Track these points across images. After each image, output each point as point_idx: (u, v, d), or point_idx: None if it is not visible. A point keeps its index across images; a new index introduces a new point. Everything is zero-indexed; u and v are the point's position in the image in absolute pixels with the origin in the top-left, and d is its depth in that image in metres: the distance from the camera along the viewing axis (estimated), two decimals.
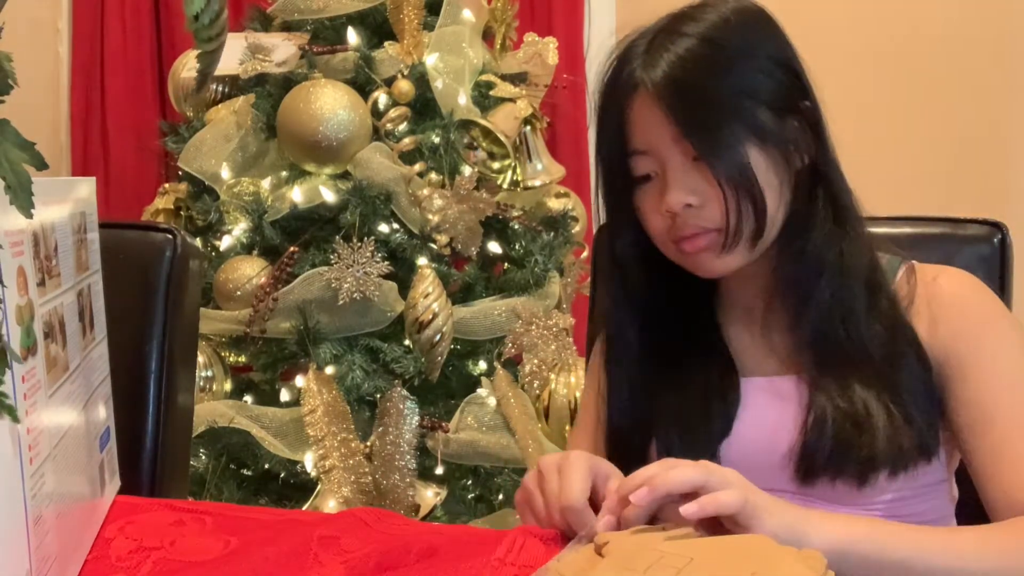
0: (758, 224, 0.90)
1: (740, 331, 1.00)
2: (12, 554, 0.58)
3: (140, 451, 1.10)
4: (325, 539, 0.79)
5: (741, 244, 0.91)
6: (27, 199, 0.51)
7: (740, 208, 0.89)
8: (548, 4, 2.79)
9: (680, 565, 0.63)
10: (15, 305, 0.58)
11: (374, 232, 1.91)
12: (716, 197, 0.90)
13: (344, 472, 1.82)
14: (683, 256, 0.94)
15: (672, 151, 0.91)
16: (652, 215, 0.94)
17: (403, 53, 1.98)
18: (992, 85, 2.39)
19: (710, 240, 0.91)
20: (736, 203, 0.89)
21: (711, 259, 0.92)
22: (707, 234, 0.91)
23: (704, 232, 0.91)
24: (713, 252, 0.92)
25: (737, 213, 0.89)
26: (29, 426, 0.60)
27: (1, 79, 0.51)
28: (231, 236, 2.01)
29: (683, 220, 0.91)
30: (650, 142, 0.92)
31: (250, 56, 2.01)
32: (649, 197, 0.94)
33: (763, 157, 0.90)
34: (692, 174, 0.91)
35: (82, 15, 2.87)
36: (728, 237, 0.90)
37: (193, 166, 2.06)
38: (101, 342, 0.87)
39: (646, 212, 0.95)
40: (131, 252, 1.12)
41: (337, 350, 1.91)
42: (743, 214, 0.90)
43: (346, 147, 1.92)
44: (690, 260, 0.94)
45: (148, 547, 0.78)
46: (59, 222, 0.72)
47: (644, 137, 0.92)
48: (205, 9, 0.44)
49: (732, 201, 0.89)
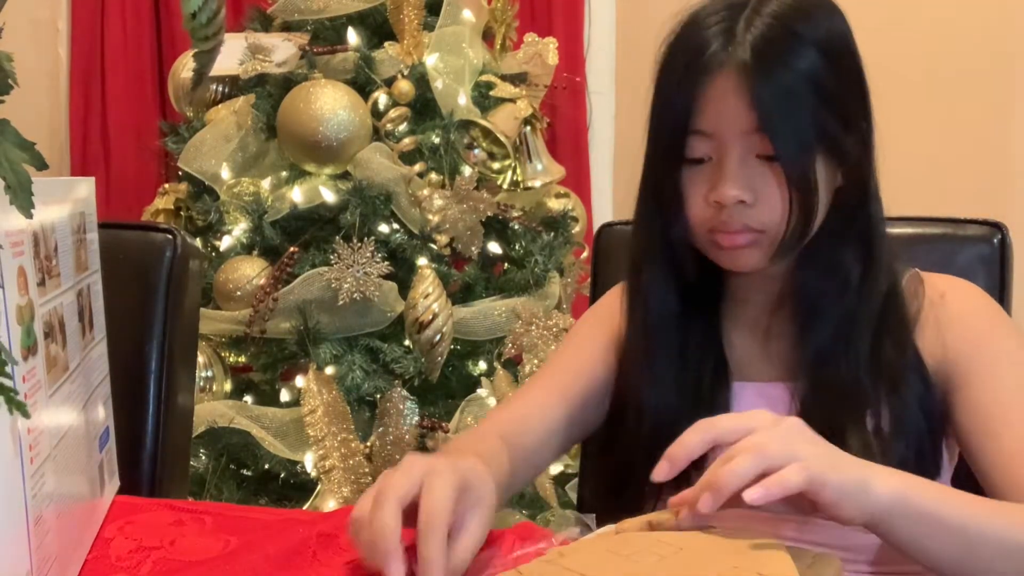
0: (804, 234, 0.88)
1: (742, 334, 0.98)
2: (13, 554, 0.58)
3: (140, 451, 1.10)
4: (324, 537, 0.79)
5: (784, 252, 0.89)
6: (27, 199, 0.52)
7: (798, 216, 0.86)
8: (548, 4, 2.79)
9: (666, 553, 0.63)
10: (15, 305, 0.58)
11: (374, 232, 1.91)
12: (770, 198, 0.86)
13: (344, 472, 1.82)
14: (714, 248, 0.91)
15: (740, 141, 0.86)
16: (696, 200, 0.89)
17: (403, 53, 1.98)
18: (992, 85, 2.39)
19: (751, 239, 0.88)
20: (797, 210, 0.86)
21: (745, 256, 0.89)
22: (750, 233, 0.88)
23: (747, 231, 0.88)
24: (751, 251, 0.89)
25: (796, 223, 0.86)
26: (30, 426, 0.60)
27: (1, 79, 0.51)
28: (231, 236, 2.01)
29: (729, 215, 0.87)
30: (720, 126, 0.86)
31: (250, 56, 2.01)
32: (698, 181, 0.89)
33: (825, 169, 0.87)
34: (752, 170, 0.87)
35: (82, 15, 2.87)
36: (775, 241, 0.88)
37: (193, 166, 2.06)
38: (100, 342, 0.87)
39: (691, 195, 0.90)
40: (131, 252, 1.12)
41: (337, 350, 1.91)
42: (799, 223, 0.87)
43: (346, 147, 1.92)
44: (720, 253, 0.91)
45: (148, 547, 0.79)
46: (59, 222, 0.72)
47: (715, 119, 0.86)
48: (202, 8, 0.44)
49: (796, 209, 0.86)
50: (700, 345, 0.96)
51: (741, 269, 0.92)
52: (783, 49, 0.85)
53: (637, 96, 0.96)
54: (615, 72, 2.88)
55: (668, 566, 0.62)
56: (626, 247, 1.05)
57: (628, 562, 0.63)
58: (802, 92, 0.85)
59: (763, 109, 0.84)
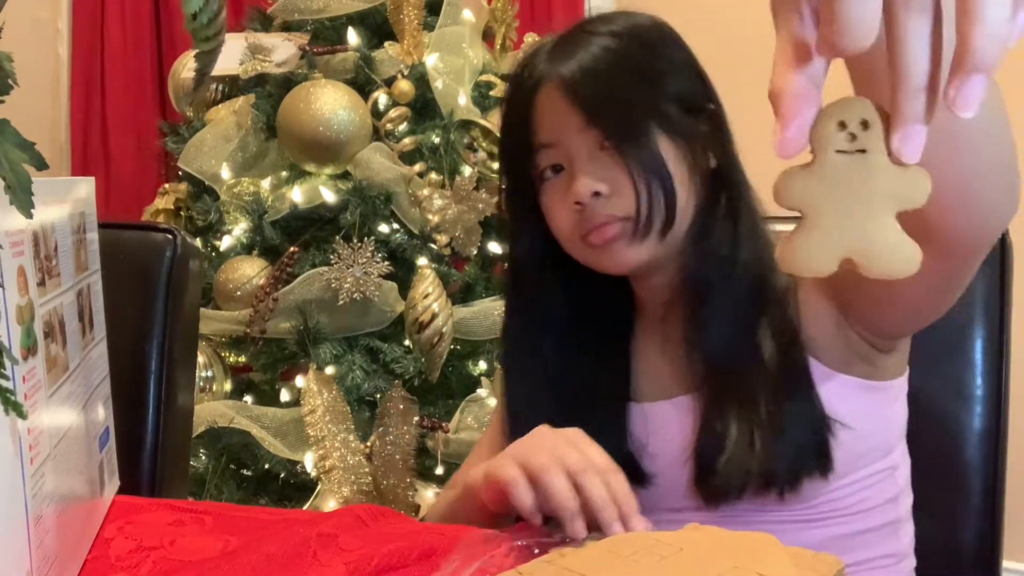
0: (668, 212, 0.89)
1: (654, 350, 0.98)
2: (13, 553, 0.58)
3: (140, 451, 1.10)
4: (324, 537, 0.79)
5: (652, 234, 0.89)
6: (27, 199, 0.51)
7: (651, 194, 0.88)
8: (548, 4, 2.79)
9: (667, 553, 0.63)
10: (15, 305, 0.58)
11: (374, 232, 1.91)
12: (626, 185, 0.88)
13: (344, 472, 1.82)
14: (591, 252, 0.92)
15: (579, 140, 0.90)
16: (559, 211, 0.92)
17: (403, 53, 1.98)
18: None
19: (619, 230, 0.89)
20: (647, 188, 0.88)
21: (621, 250, 0.90)
22: (616, 223, 0.89)
23: (613, 221, 0.89)
24: (623, 241, 0.90)
25: (648, 198, 0.88)
26: (30, 426, 0.60)
27: (1, 79, 0.51)
28: (231, 236, 2.01)
29: (592, 210, 0.89)
30: (557, 133, 0.91)
31: (250, 56, 2.01)
32: (555, 192, 0.92)
33: (671, 148, 0.89)
34: (600, 162, 0.89)
35: (82, 15, 2.88)
36: (639, 225, 0.88)
37: (193, 166, 2.07)
38: (100, 342, 0.87)
39: (553, 209, 0.93)
40: (131, 252, 1.12)
41: (337, 350, 1.91)
42: (654, 200, 0.88)
43: (346, 147, 1.92)
44: (599, 254, 0.91)
45: (148, 547, 0.79)
46: (59, 222, 0.72)
47: (550, 128, 0.91)
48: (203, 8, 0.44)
49: (643, 186, 0.88)
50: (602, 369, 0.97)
51: (619, 267, 0.92)
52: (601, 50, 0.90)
53: None
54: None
55: (668, 566, 0.62)
56: None
57: (628, 562, 0.63)
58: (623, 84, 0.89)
59: (585, 104, 0.88)
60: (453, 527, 0.83)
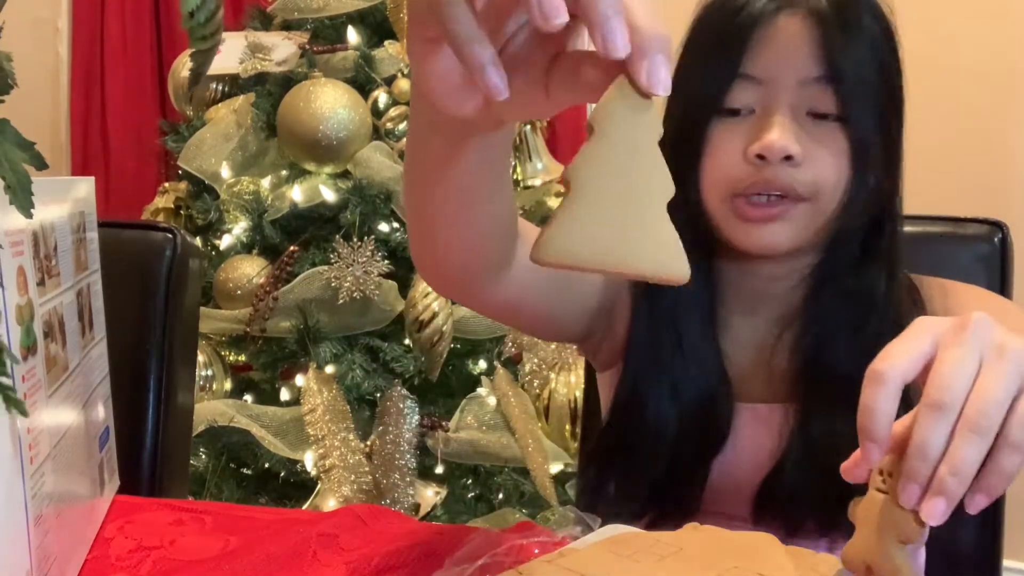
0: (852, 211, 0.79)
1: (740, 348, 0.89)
2: (13, 553, 0.58)
3: (140, 451, 1.10)
4: (324, 537, 0.79)
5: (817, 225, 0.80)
6: (27, 199, 0.51)
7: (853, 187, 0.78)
8: None
9: (666, 553, 0.63)
10: (15, 305, 0.58)
11: (374, 231, 1.91)
12: (820, 160, 0.78)
13: (344, 471, 1.81)
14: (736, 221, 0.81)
15: (795, 92, 0.78)
16: (730, 156, 0.80)
17: (403, 52, 1.98)
18: (993, 83, 2.39)
19: (782, 210, 0.79)
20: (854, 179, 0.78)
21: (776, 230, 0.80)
22: (785, 203, 0.79)
23: (781, 201, 0.79)
24: (777, 225, 0.80)
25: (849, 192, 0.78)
26: (29, 426, 0.60)
27: (1, 79, 0.51)
28: (231, 235, 2.01)
29: (772, 172, 0.77)
30: (775, 72, 0.78)
31: (250, 55, 2.01)
32: (735, 134, 0.79)
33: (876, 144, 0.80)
34: (802, 126, 0.78)
35: (82, 15, 2.87)
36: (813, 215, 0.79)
37: (193, 165, 2.06)
38: (100, 342, 0.87)
39: (725, 150, 0.80)
40: (131, 252, 1.12)
41: (337, 349, 1.91)
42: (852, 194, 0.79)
43: (346, 146, 1.92)
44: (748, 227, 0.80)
45: (148, 546, 0.78)
46: (58, 222, 0.72)
47: (771, 64, 0.78)
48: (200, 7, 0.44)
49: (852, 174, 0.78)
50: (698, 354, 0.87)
51: (764, 248, 0.82)
52: (859, 9, 0.79)
53: None
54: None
55: (668, 566, 0.62)
56: None
57: (628, 562, 0.63)
58: (870, 54, 0.78)
59: (834, 57, 0.76)
60: (454, 527, 0.83)
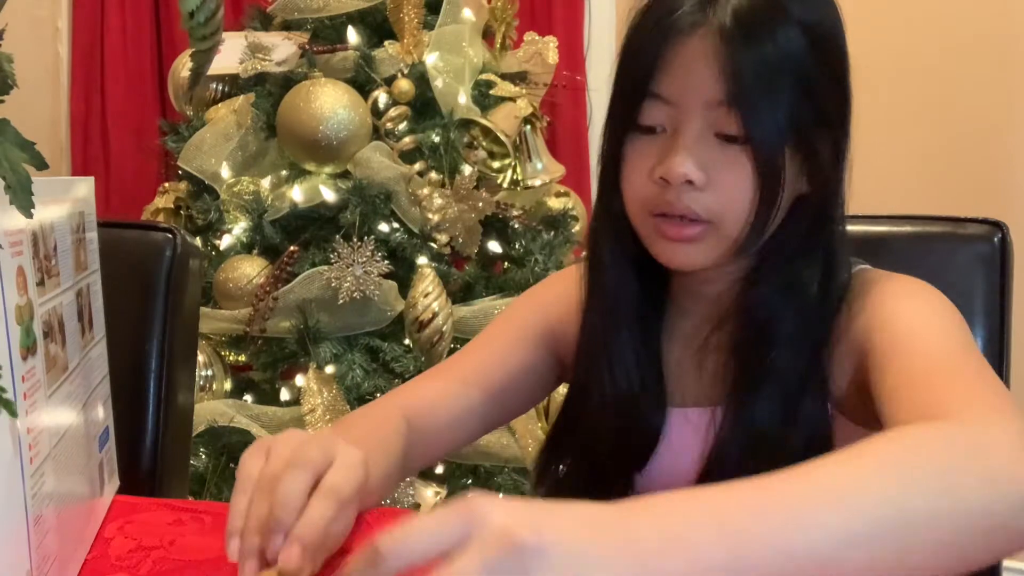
0: (760, 233, 0.79)
1: (676, 346, 0.90)
2: (13, 553, 0.58)
3: (140, 451, 1.10)
4: None
5: (733, 248, 0.80)
6: (27, 199, 0.51)
7: (759, 209, 0.78)
8: (548, 3, 2.79)
9: None
10: (15, 305, 0.58)
11: (374, 231, 1.91)
12: (724, 184, 0.78)
13: None
14: (657, 238, 0.82)
15: (701, 114, 0.77)
16: (638, 175, 0.81)
17: (403, 52, 1.98)
18: (992, 85, 2.39)
19: (699, 232, 0.79)
20: (759, 203, 0.77)
21: (691, 251, 0.81)
22: (699, 225, 0.79)
23: (694, 219, 0.79)
24: (694, 245, 0.80)
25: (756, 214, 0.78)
26: (29, 426, 0.60)
27: (1, 80, 0.51)
28: (231, 235, 2.01)
29: (674, 196, 0.78)
30: (683, 94, 0.78)
31: (250, 55, 2.01)
32: (643, 152, 0.80)
33: (790, 163, 0.79)
34: (708, 149, 0.78)
35: (82, 15, 2.87)
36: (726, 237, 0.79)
37: (193, 165, 2.06)
38: (100, 342, 0.87)
39: (632, 170, 0.81)
40: (131, 252, 1.12)
41: (337, 349, 1.91)
42: (758, 217, 0.78)
43: (346, 146, 1.92)
44: (664, 244, 0.81)
45: (147, 546, 0.79)
46: (58, 222, 0.72)
47: (678, 85, 0.78)
48: (200, 7, 0.44)
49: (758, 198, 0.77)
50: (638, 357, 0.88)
51: (679, 266, 0.83)
52: (768, 21, 0.76)
53: None
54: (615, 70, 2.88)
55: None
56: None
57: None
58: (781, 72, 0.76)
59: (737, 80, 0.75)
60: None
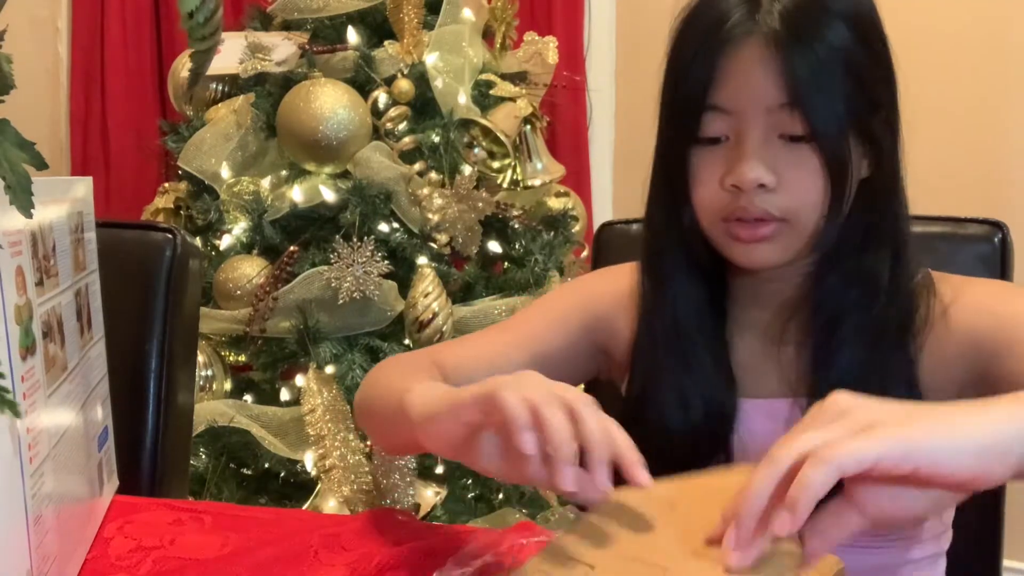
0: (834, 222, 0.81)
1: (749, 340, 0.90)
2: (13, 553, 0.58)
3: (140, 451, 1.10)
4: (325, 536, 0.79)
5: (807, 243, 0.82)
6: (27, 199, 0.51)
7: (831, 204, 0.80)
8: (548, 3, 2.79)
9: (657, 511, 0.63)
10: (14, 305, 0.58)
11: (374, 231, 1.91)
12: (795, 183, 0.80)
13: (344, 471, 1.81)
14: (730, 241, 0.83)
15: (763, 119, 0.79)
16: (708, 185, 0.82)
17: (403, 52, 1.98)
18: (992, 85, 2.39)
19: (772, 230, 0.81)
20: (831, 196, 0.79)
21: (766, 250, 0.82)
22: (772, 224, 0.81)
23: (769, 220, 0.80)
24: (768, 244, 0.82)
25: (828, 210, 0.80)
26: (29, 426, 0.60)
27: (1, 80, 0.51)
28: (231, 235, 2.01)
29: (748, 200, 0.80)
30: (742, 102, 0.80)
31: (250, 55, 2.01)
32: (713, 163, 0.82)
33: (853, 152, 0.81)
34: (774, 151, 0.80)
35: (82, 15, 2.87)
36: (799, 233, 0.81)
37: (193, 165, 2.06)
38: (99, 341, 0.87)
39: (704, 179, 0.83)
40: (131, 252, 1.12)
41: (337, 349, 1.90)
42: (832, 213, 0.80)
43: (346, 146, 1.92)
44: (739, 247, 0.83)
45: (147, 546, 0.79)
46: (57, 222, 0.72)
47: (736, 94, 0.80)
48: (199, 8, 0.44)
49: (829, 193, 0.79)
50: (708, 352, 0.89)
51: (756, 265, 0.85)
52: (815, 20, 0.79)
53: (637, 94, 0.95)
54: (615, 70, 2.88)
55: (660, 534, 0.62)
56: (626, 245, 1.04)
57: None
58: (834, 67, 0.79)
59: (795, 82, 0.77)
60: (454, 527, 0.83)
